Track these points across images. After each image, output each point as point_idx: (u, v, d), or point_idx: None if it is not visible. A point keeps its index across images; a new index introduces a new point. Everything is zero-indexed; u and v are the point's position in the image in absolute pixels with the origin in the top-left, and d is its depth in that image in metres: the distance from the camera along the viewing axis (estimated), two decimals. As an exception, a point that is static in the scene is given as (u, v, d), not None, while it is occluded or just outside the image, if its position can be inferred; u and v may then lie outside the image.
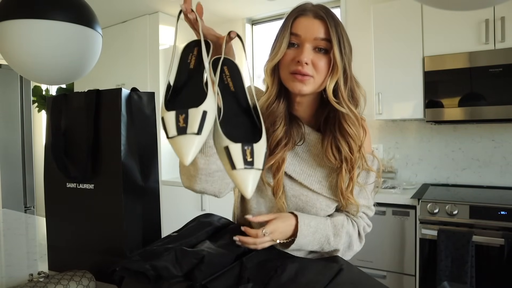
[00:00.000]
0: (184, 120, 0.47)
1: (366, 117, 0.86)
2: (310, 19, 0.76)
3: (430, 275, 1.92)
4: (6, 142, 3.35)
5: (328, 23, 0.75)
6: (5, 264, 1.06)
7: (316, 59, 0.75)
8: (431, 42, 2.20)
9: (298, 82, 0.76)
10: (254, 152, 0.50)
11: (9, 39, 1.16)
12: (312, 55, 0.75)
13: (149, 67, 3.20)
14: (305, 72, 0.74)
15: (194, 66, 0.62)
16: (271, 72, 0.79)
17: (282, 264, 0.76)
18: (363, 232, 0.90)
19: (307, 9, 0.78)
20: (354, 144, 0.79)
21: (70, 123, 0.92)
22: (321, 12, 0.76)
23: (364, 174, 0.85)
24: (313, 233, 0.80)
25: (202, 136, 0.47)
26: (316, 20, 0.76)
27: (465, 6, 0.94)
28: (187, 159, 0.46)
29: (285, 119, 0.81)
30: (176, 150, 0.47)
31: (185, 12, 0.66)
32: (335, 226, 0.83)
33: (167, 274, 0.64)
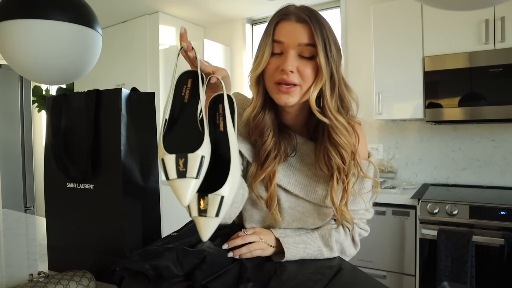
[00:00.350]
0: (184, 164, 0.50)
1: (366, 117, 0.85)
2: (293, 23, 0.70)
3: (430, 275, 1.92)
4: (6, 142, 3.35)
5: (312, 26, 0.69)
6: (5, 264, 1.06)
7: (302, 66, 0.70)
8: (431, 42, 2.19)
9: (283, 94, 0.71)
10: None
11: (9, 39, 1.16)
12: (297, 62, 0.70)
13: (149, 67, 3.20)
14: (290, 81, 0.70)
15: (189, 99, 0.62)
16: (256, 82, 0.75)
17: (282, 264, 0.76)
18: (358, 238, 0.87)
19: (289, 13, 0.72)
20: (345, 153, 0.74)
21: (70, 123, 0.92)
22: (303, 15, 0.70)
23: (359, 181, 0.80)
24: (303, 249, 0.78)
25: (199, 180, 0.51)
26: (299, 24, 0.70)
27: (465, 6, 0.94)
28: (185, 201, 0.49)
29: (273, 130, 0.77)
30: (175, 191, 0.50)
31: (185, 49, 0.66)
32: (324, 236, 0.81)
33: (168, 274, 0.64)
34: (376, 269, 2.12)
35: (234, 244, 0.76)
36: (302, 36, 0.70)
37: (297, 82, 0.71)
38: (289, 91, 0.71)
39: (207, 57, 3.14)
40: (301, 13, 0.71)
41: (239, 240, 0.77)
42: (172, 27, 3.27)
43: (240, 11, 3.20)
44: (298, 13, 0.71)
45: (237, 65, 3.42)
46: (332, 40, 0.71)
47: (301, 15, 0.70)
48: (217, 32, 3.52)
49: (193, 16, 3.30)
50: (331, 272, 0.75)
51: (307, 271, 0.74)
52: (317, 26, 0.70)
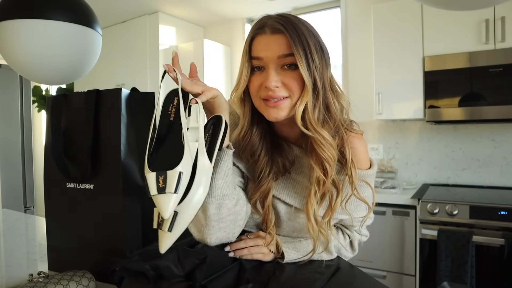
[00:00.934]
0: (163, 181, 0.54)
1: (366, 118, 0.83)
2: (268, 36, 0.66)
3: (430, 275, 1.92)
4: (6, 142, 3.35)
5: (288, 35, 0.65)
6: (5, 264, 1.06)
7: (286, 78, 0.66)
8: (431, 42, 2.19)
9: (272, 108, 0.67)
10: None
11: (9, 39, 1.16)
12: (280, 75, 0.66)
13: (149, 67, 3.20)
14: (277, 96, 0.66)
15: (174, 118, 0.65)
16: (240, 101, 0.72)
17: (281, 265, 0.76)
18: (356, 243, 0.88)
19: (264, 25, 0.68)
20: (329, 166, 0.68)
21: (70, 123, 0.92)
22: (278, 25, 0.66)
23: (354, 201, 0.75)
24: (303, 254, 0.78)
25: (178, 194, 0.55)
26: (275, 36, 0.66)
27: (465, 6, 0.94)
28: (166, 214, 0.54)
29: (265, 148, 0.74)
30: (158, 206, 0.54)
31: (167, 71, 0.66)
32: (323, 244, 0.78)
33: (168, 274, 0.64)
34: (376, 269, 2.12)
35: (237, 247, 0.76)
36: (280, 47, 0.65)
37: (285, 94, 0.67)
38: (278, 105, 0.67)
39: (207, 57, 3.14)
40: (276, 23, 0.66)
41: (241, 244, 0.77)
42: (172, 27, 3.27)
43: (240, 11, 3.21)
44: (273, 24, 0.67)
45: (237, 65, 3.41)
46: (313, 45, 0.66)
47: (276, 26, 0.66)
48: (217, 32, 3.52)
49: (193, 16, 3.30)
50: (329, 271, 0.75)
51: (306, 271, 0.75)
52: (294, 34, 0.65)
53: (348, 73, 2.81)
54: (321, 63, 0.67)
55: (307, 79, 0.65)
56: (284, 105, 0.67)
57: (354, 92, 2.77)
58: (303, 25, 0.68)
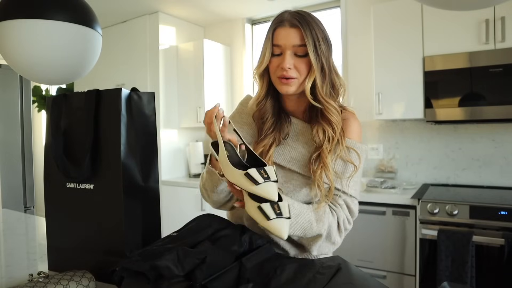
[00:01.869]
0: (278, 208, 0.68)
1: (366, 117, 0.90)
2: (287, 29, 0.85)
3: (430, 275, 1.92)
4: (6, 142, 3.35)
5: (302, 30, 0.84)
6: (5, 264, 1.06)
7: (297, 63, 0.86)
8: (431, 42, 2.20)
9: (284, 85, 0.88)
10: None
11: (9, 39, 1.16)
12: (293, 60, 0.86)
13: (149, 67, 3.21)
14: (289, 76, 0.86)
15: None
16: (260, 77, 0.93)
17: (281, 264, 0.76)
18: (342, 224, 0.91)
19: (284, 20, 0.86)
20: (336, 127, 0.89)
21: (70, 123, 0.92)
22: (295, 21, 0.85)
23: (341, 163, 0.90)
24: (296, 215, 0.83)
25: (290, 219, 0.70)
26: (292, 29, 0.85)
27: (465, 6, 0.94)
28: (286, 235, 0.67)
29: (273, 114, 0.94)
30: (275, 228, 0.66)
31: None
32: (317, 213, 0.86)
33: (168, 274, 0.64)
34: (376, 269, 2.12)
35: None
36: (295, 39, 0.85)
37: (295, 76, 0.87)
38: (289, 83, 0.87)
39: (207, 57, 3.14)
40: (293, 19, 0.85)
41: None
42: (172, 27, 3.28)
43: (240, 11, 3.21)
44: (291, 19, 0.86)
45: (237, 65, 3.42)
46: (321, 38, 0.86)
47: (293, 21, 0.85)
48: (217, 32, 3.52)
49: (193, 16, 3.30)
50: (330, 272, 0.75)
51: (307, 271, 0.75)
52: (307, 28, 0.84)
53: (348, 73, 2.81)
54: (327, 51, 0.87)
55: (315, 63, 0.85)
56: (293, 82, 0.87)
57: (354, 92, 2.77)
58: (314, 21, 0.87)
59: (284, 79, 0.87)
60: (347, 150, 0.90)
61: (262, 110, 0.94)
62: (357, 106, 0.94)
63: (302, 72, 0.87)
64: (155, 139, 0.95)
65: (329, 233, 0.88)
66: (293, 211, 0.82)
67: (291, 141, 0.94)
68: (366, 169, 2.74)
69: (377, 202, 2.13)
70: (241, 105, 1.03)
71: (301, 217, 0.83)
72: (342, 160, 0.90)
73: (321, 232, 0.86)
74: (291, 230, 0.82)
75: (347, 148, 0.90)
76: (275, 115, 0.95)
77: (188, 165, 3.41)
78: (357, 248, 2.17)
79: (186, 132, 3.44)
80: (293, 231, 0.83)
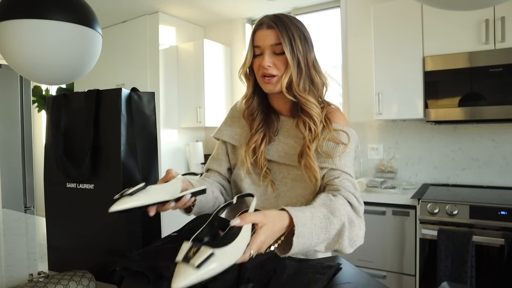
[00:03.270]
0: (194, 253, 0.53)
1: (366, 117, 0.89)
2: (264, 30, 0.92)
3: (430, 275, 1.92)
4: (6, 142, 3.35)
5: (278, 30, 0.90)
6: (5, 264, 1.06)
7: (276, 60, 0.92)
8: (431, 42, 2.20)
9: (267, 84, 0.94)
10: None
11: (9, 39, 1.16)
12: (272, 58, 0.92)
13: (149, 67, 3.21)
14: (269, 74, 0.92)
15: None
16: (245, 77, 1.00)
17: (282, 264, 0.76)
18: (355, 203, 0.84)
19: (262, 23, 0.93)
20: (316, 119, 0.94)
21: (70, 123, 0.92)
22: (271, 23, 0.91)
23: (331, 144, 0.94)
24: (310, 218, 0.72)
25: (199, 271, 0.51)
26: (268, 30, 0.91)
27: (465, 6, 0.94)
28: (176, 285, 0.49)
29: (261, 111, 1.01)
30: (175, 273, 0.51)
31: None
32: (325, 204, 0.79)
33: (168, 274, 0.64)
34: (376, 269, 2.12)
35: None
36: (271, 38, 0.91)
37: (275, 73, 0.92)
38: (270, 81, 0.93)
39: (207, 57, 3.14)
40: (270, 21, 0.92)
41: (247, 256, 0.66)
42: (172, 27, 3.28)
43: (240, 11, 3.21)
44: (268, 22, 0.92)
45: (237, 65, 3.42)
46: (297, 36, 0.91)
47: (270, 23, 0.92)
48: (217, 32, 3.52)
49: (193, 16, 3.30)
50: (330, 272, 0.75)
51: (307, 271, 0.75)
52: (282, 28, 0.90)
53: (348, 73, 2.81)
54: (303, 49, 0.93)
55: (291, 60, 0.91)
56: (273, 81, 0.93)
57: (354, 92, 2.77)
58: (290, 21, 0.93)
59: (266, 77, 0.93)
60: (336, 132, 0.94)
61: (250, 108, 1.00)
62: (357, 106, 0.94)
63: (281, 69, 0.92)
64: (155, 139, 0.95)
65: (350, 218, 0.81)
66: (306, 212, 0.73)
67: (282, 137, 0.99)
68: (366, 169, 2.74)
69: (377, 202, 2.13)
70: (232, 110, 1.09)
71: (316, 218, 0.74)
72: (332, 141, 0.93)
73: (342, 220, 0.78)
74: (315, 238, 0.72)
75: (335, 131, 0.94)
76: (263, 112, 1.01)
77: (188, 165, 3.41)
78: (357, 248, 2.16)
79: (186, 132, 3.44)
80: (317, 237, 0.72)
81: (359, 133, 2.76)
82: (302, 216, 0.71)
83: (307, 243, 0.70)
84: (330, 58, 3.10)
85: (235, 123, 1.05)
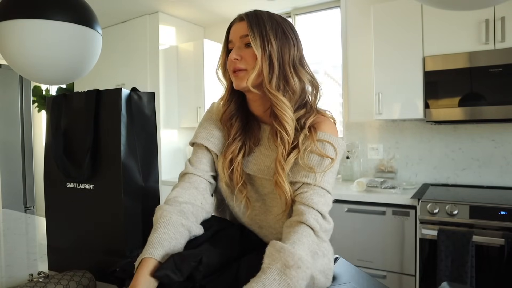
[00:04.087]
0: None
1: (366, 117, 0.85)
2: (236, 23, 0.87)
3: (430, 275, 1.92)
4: (6, 142, 3.35)
5: (248, 21, 0.84)
6: (5, 264, 1.06)
7: (244, 53, 0.84)
8: (431, 42, 2.19)
9: (235, 78, 0.85)
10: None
11: (9, 39, 1.16)
12: (241, 51, 0.84)
13: (149, 67, 3.21)
14: (237, 68, 0.83)
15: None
16: (223, 75, 0.92)
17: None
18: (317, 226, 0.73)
19: (237, 17, 0.88)
20: (288, 126, 0.81)
21: (70, 123, 0.92)
22: (243, 15, 0.86)
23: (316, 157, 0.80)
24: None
25: None
26: (240, 23, 0.86)
27: (465, 6, 0.94)
28: None
29: (240, 117, 0.91)
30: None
31: None
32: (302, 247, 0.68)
33: (168, 281, 0.64)
34: (376, 269, 2.12)
35: None
36: (241, 30, 0.84)
37: (243, 67, 0.83)
38: (238, 75, 0.84)
39: (207, 57, 3.14)
40: (243, 14, 0.86)
41: None
42: (172, 27, 3.27)
43: (240, 11, 3.16)
44: (241, 15, 0.87)
45: (237, 65, 3.42)
46: (270, 30, 0.83)
47: (242, 16, 0.86)
48: (217, 32, 3.52)
49: (193, 16, 3.30)
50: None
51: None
52: (253, 20, 0.84)
53: (348, 73, 2.81)
54: (278, 44, 0.83)
55: (259, 53, 0.81)
56: (242, 75, 0.84)
57: (354, 92, 2.76)
58: (267, 16, 0.86)
59: (234, 72, 0.85)
60: (321, 144, 0.81)
61: (228, 111, 0.90)
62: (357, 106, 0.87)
63: (250, 63, 0.83)
64: (155, 139, 0.95)
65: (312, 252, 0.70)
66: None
67: (263, 148, 0.88)
68: (366, 169, 2.74)
69: (377, 202, 2.13)
70: (208, 112, 0.97)
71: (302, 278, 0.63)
72: (316, 154, 0.80)
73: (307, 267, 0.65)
74: None
75: (320, 142, 0.81)
76: (242, 118, 0.91)
77: (188, 165, 3.41)
78: (357, 248, 2.17)
79: (186, 132, 3.44)
80: None
81: (359, 133, 2.76)
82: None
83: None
84: (330, 58, 3.10)
85: (212, 127, 0.92)
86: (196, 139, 0.91)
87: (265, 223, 0.86)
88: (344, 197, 2.19)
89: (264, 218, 0.86)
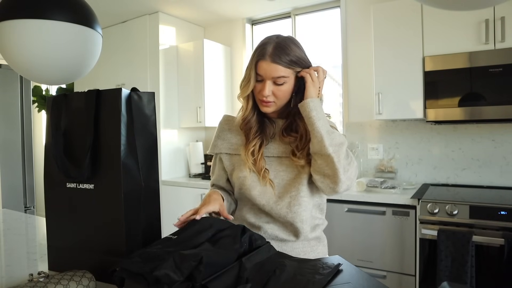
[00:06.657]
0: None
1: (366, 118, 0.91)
2: (268, 63, 0.99)
3: (430, 275, 1.92)
4: (6, 142, 3.35)
5: (282, 65, 0.98)
6: (5, 264, 1.06)
7: (276, 90, 1.01)
8: (431, 42, 2.20)
9: (264, 106, 1.05)
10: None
11: (9, 39, 1.16)
12: (272, 88, 1.01)
13: (149, 67, 3.21)
14: (267, 101, 1.03)
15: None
16: (246, 97, 1.07)
17: (281, 264, 0.76)
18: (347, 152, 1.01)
19: (266, 54, 0.99)
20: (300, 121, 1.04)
21: (70, 123, 0.92)
22: (276, 58, 0.98)
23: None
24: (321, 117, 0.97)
25: None
26: (273, 65, 0.98)
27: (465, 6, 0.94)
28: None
29: (257, 123, 1.09)
30: None
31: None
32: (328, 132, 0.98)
33: (168, 281, 0.64)
34: (376, 269, 2.12)
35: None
36: (276, 72, 0.99)
37: (272, 100, 1.03)
38: (268, 105, 1.04)
39: (207, 57, 3.14)
40: (274, 56, 0.98)
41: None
42: (172, 27, 3.28)
43: (240, 11, 3.21)
44: (272, 55, 0.99)
45: (237, 65, 3.42)
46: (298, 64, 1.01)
47: (275, 58, 0.98)
48: (217, 32, 3.52)
49: (193, 16, 3.30)
50: (330, 272, 0.75)
51: (306, 271, 0.75)
52: (286, 62, 0.99)
53: (348, 73, 2.81)
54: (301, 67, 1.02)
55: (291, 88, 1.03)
56: (271, 105, 1.05)
57: (354, 92, 2.77)
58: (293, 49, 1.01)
59: (264, 102, 1.03)
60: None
61: (250, 123, 1.09)
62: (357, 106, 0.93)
63: (280, 97, 1.02)
64: (155, 139, 0.95)
65: (347, 151, 1.00)
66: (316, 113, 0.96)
67: (278, 137, 1.09)
68: (366, 169, 2.74)
69: (377, 202, 2.13)
70: (221, 124, 1.16)
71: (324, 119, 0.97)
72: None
73: (343, 140, 0.98)
74: (323, 120, 0.97)
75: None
76: (259, 122, 1.10)
77: (188, 165, 3.41)
78: (357, 248, 2.17)
79: (186, 132, 3.44)
80: (324, 121, 0.96)
81: (359, 133, 2.76)
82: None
83: (319, 111, 0.97)
84: (330, 58, 3.10)
85: (228, 135, 1.13)
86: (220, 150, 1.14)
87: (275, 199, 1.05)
88: (344, 197, 2.19)
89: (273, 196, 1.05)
